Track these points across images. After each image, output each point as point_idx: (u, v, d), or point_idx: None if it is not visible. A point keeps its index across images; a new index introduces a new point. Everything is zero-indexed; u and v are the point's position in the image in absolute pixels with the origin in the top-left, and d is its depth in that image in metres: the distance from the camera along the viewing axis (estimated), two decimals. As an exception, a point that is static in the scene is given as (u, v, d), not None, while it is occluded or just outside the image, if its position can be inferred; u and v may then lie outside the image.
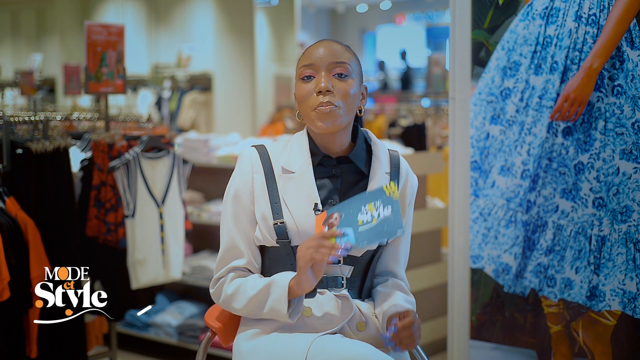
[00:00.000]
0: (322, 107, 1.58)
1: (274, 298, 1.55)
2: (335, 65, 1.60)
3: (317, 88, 1.59)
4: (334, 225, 1.50)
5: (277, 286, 1.56)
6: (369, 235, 1.50)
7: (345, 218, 1.51)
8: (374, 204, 1.50)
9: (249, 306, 1.60)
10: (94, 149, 2.94)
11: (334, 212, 1.52)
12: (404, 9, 11.93)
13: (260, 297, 1.58)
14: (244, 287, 1.61)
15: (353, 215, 1.51)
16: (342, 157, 1.67)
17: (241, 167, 1.67)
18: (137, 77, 7.97)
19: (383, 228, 1.50)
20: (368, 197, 1.52)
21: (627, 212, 2.10)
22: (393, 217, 1.49)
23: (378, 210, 1.50)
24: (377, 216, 1.50)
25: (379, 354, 1.47)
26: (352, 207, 1.52)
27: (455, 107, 2.43)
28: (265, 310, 1.57)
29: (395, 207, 1.50)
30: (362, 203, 1.52)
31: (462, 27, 2.39)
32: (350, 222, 1.51)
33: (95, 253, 2.94)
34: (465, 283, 2.43)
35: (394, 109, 6.34)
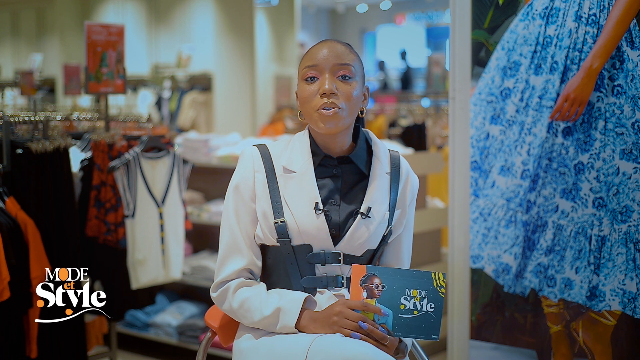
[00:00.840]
0: (326, 108, 1.58)
1: (282, 326, 1.56)
2: (340, 67, 1.60)
3: (320, 90, 1.59)
4: (375, 295, 1.46)
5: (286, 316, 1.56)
6: (406, 326, 1.45)
7: (387, 292, 1.45)
8: (419, 293, 1.45)
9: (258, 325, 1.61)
10: (94, 149, 2.94)
11: (375, 277, 1.46)
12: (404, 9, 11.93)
13: (269, 321, 1.58)
14: (248, 304, 1.61)
15: (396, 294, 1.45)
16: (343, 157, 1.67)
17: (242, 165, 1.67)
18: (137, 77, 7.97)
19: (421, 325, 1.45)
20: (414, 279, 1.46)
21: (627, 212, 2.10)
22: (435, 317, 1.45)
23: (422, 301, 1.45)
24: (419, 308, 1.45)
25: (379, 354, 1.47)
26: (396, 282, 1.46)
27: (455, 107, 2.43)
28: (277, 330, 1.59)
29: (438, 308, 1.45)
30: (407, 284, 1.46)
31: (462, 27, 2.39)
32: (392, 302, 1.45)
33: (95, 253, 2.94)
34: (465, 283, 2.43)
35: (394, 109, 6.34)
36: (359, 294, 1.49)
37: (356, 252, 1.62)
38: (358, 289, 1.48)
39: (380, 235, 1.65)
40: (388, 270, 1.47)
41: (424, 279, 1.46)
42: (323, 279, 1.61)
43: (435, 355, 3.46)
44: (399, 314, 1.45)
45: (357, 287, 1.48)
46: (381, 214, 1.64)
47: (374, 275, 1.47)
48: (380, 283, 1.46)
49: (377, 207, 1.64)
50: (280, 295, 1.59)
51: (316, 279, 1.61)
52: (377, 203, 1.64)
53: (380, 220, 1.64)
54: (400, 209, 1.70)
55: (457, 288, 2.46)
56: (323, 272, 1.61)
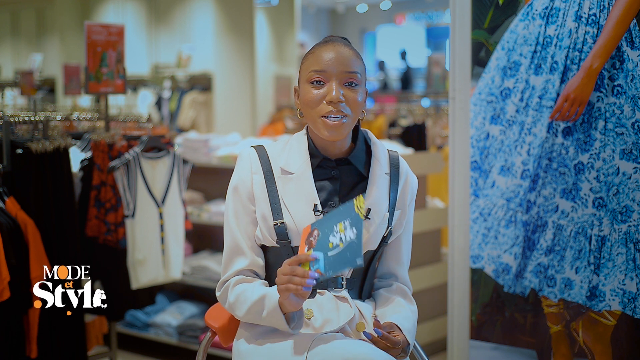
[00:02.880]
0: (332, 118, 1.57)
1: (268, 311, 1.55)
2: (347, 75, 1.59)
3: (328, 98, 1.57)
4: (312, 245, 1.46)
5: (269, 300, 1.55)
6: (335, 262, 1.44)
7: (321, 238, 1.45)
8: (343, 224, 1.43)
9: (249, 315, 1.60)
10: (94, 149, 2.94)
11: (315, 229, 1.47)
12: (404, 9, 11.93)
13: (256, 308, 1.58)
14: (243, 296, 1.61)
15: (326, 236, 1.45)
16: (342, 158, 1.67)
17: (240, 167, 1.67)
18: (137, 77, 7.97)
19: (346, 255, 1.43)
20: (340, 213, 1.45)
21: (627, 212, 2.10)
22: (356, 241, 1.42)
23: (346, 231, 1.43)
24: (344, 239, 1.43)
25: (379, 354, 1.47)
26: (326, 225, 1.45)
27: (455, 107, 2.43)
28: (263, 323, 1.59)
29: (359, 229, 1.42)
30: (335, 221, 1.45)
31: (462, 27, 2.39)
32: (323, 245, 1.45)
33: (95, 253, 2.94)
34: (465, 283, 2.43)
35: (394, 109, 6.34)
36: (302, 251, 1.49)
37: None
38: (303, 246, 1.48)
39: (380, 236, 1.65)
40: (325, 217, 1.47)
41: (346, 210, 1.44)
42: (323, 280, 1.61)
43: (435, 355, 3.46)
44: (328, 252, 1.44)
45: (302, 245, 1.48)
46: (381, 215, 1.64)
47: (315, 228, 1.47)
48: (317, 232, 1.46)
49: (377, 208, 1.64)
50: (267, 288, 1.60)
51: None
52: (377, 204, 1.64)
53: (380, 222, 1.64)
54: (400, 209, 1.69)
55: (457, 288, 2.46)
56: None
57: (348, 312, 1.59)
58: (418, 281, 3.43)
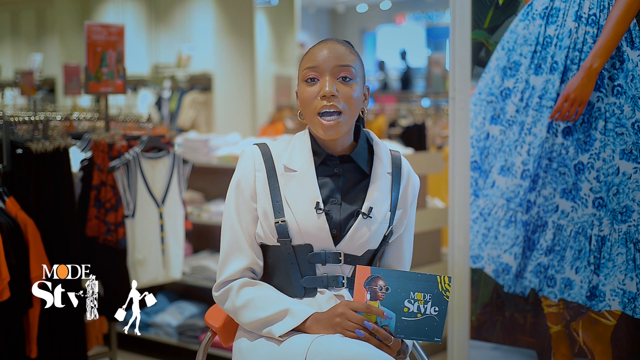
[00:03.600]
0: (326, 116, 1.57)
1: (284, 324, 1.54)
2: (340, 69, 1.59)
3: (321, 92, 1.58)
4: (378, 298, 1.44)
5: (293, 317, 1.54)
6: (408, 329, 1.44)
7: (391, 295, 1.43)
8: (423, 296, 1.43)
9: (255, 324, 1.59)
10: (94, 149, 2.94)
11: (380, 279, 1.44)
12: (404, 9, 11.93)
13: (271, 319, 1.56)
14: (255, 303, 1.59)
15: (400, 297, 1.43)
16: (344, 156, 1.67)
17: (243, 164, 1.67)
18: (137, 77, 7.97)
19: (424, 328, 1.43)
20: (419, 282, 1.44)
21: (627, 212, 2.10)
22: (438, 320, 1.43)
23: (427, 305, 1.43)
24: (423, 311, 1.43)
25: (379, 354, 1.47)
26: (401, 285, 1.44)
27: (455, 107, 2.43)
28: (265, 331, 1.57)
29: (442, 312, 1.43)
30: (412, 287, 1.43)
31: (462, 27, 2.39)
32: (395, 304, 1.44)
33: (95, 253, 2.94)
34: (465, 283, 2.43)
35: (394, 109, 6.34)
36: (362, 296, 1.48)
37: (357, 252, 1.62)
38: (362, 290, 1.46)
39: (381, 236, 1.65)
40: (393, 273, 1.46)
41: (429, 283, 1.44)
42: (324, 279, 1.61)
43: (435, 355, 3.46)
44: (402, 316, 1.44)
45: (361, 288, 1.46)
46: (382, 214, 1.64)
47: (378, 277, 1.45)
48: (384, 285, 1.45)
49: (379, 207, 1.64)
50: (290, 301, 1.59)
51: (317, 278, 1.61)
52: (379, 203, 1.64)
53: (381, 221, 1.64)
54: (401, 209, 1.70)
55: (457, 288, 2.46)
56: (324, 272, 1.61)
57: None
58: (418, 281, 3.43)
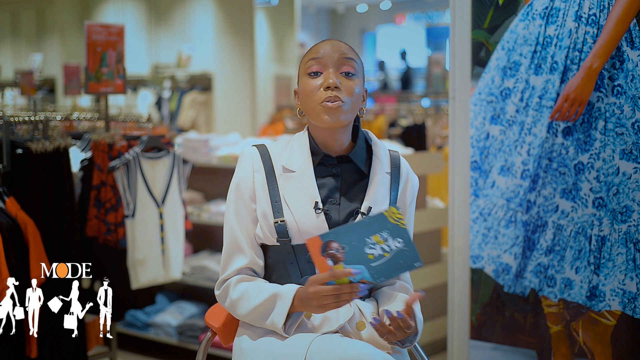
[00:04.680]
0: (329, 101, 1.58)
1: (278, 311, 1.55)
2: (343, 62, 1.61)
3: (325, 83, 1.59)
4: (339, 259, 1.41)
5: (282, 300, 1.54)
6: (385, 270, 1.40)
7: (350, 251, 1.40)
8: (380, 236, 1.39)
9: (252, 314, 1.60)
10: (94, 149, 2.94)
11: (332, 242, 1.41)
12: (404, 9, 11.93)
13: (264, 307, 1.57)
14: (248, 294, 1.60)
15: (359, 249, 1.40)
16: (343, 156, 1.67)
17: (242, 165, 1.67)
18: (137, 77, 7.98)
19: (399, 261, 1.40)
20: (370, 226, 1.40)
21: (627, 212, 2.10)
22: (408, 248, 1.40)
23: (388, 242, 1.40)
24: (388, 249, 1.40)
25: (379, 354, 1.47)
26: (354, 237, 1.40)
27: (455, 107, 2.44)
28: (267, 322, 1.58)
29: (406, 239, 1.40)
30: (364, 233, 1.40)
31: (462, 27, 2.39)
32: (358, 257, 1.40)
33: (95, 253, 2.94)
34: (465, 283, 2.43)
35: (394, 109, 6.34)
36: (324, 265, 1.43)
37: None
38: (321, 260, 1.41)
39: (380, 235, 1.65)
40: (341, 230, 1.41)
41: (379, 222, 1.40)
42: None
43: (435, 355, 3.46)
44: (371, 264, 1.40)
45: (319, 259, 1.42)
46: (381, 213, 1.64)
47: (330, 241, 1.41)
48: (338, 246, 1.40)
49: (378, 206, 1.64)
50: (277, 285, 1.60)
51: (316, 278, 1.61)
52: (378, 203, 1.64)
53: (380, 220, 1.64)
54: (400, 208, 1.70)
55: (457, 288, 2.46)
56: None
57: (347, 311, 1.59)
58: (418, 281, 3.43)
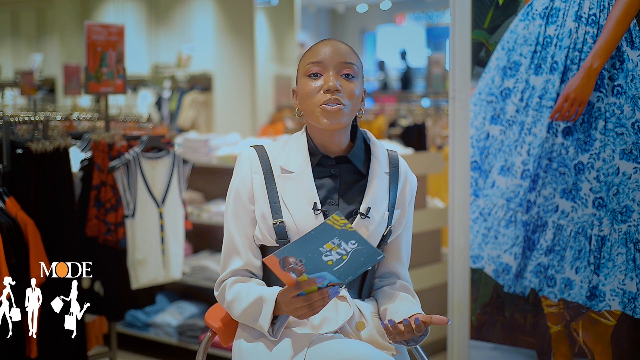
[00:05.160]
0: (329, 104, 1.58)
1: (263, 314, 1.55)
2: (344, 66, 1.61)
3: (325, 86, 1.59)
4: (300, 271, 1.43)
5: (266, 303, 1.55)
6: (348, 270, 1.43)
7: (308, 262, 1.42)
8: (332, 242, 1.41)
9: (244, 316, 1.61)
10: (94, 149, 2.94)
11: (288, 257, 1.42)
12: (404, 9, 11.93)
13: (252, 310, 1.58)
14: (239, 296, 1.61)
15: (316, 258, 1.42)
16: (341, 156, 1.67)
17: (240, 167, 1.67)
18: (137, 77, 7.97)
19: (360, 259, 1.43)
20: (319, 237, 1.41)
21: (627, 212, 2.10)
22: (364, 246, 1.42)
23: (341, 246, 1.41)
24: (345, 252, 1.42)
25: (378, 354, 1.47)
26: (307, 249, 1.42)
27: (455, 107, 2.44)
28: (257, 325, 1.58)
29: (359, 240, 1.41)
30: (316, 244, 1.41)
31: (462, 27, 2.39)
32: (318, 265, 1.42)
33: (95, 253, 2.94)
34: (465, 283, 2.43)
35: (394, 109, 6.34)
36: (289, 279, 1.46)
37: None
38: (285, 275, 1.44)
39: (379, 236, 1.65)
40: (291, 246, 1.42)
41: (326, 231, 1.41)
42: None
43: (435, 355, 3.46)
44: (333, 268, 1.42)
45: (282, 274, 1.44)
46: (380, 214, 1.64)
47: (284, 257, 1.42)
48: (295, 260, 1.42)
49: (377, 207, 1.64)
50: (263, 288, 1.60)
51: (316, 279, 1.61)
52: (377, 203, 1.64)
53: (379, 221, 1.64)
54: (399, 208, 1.70)
55: (457, 288, 2.46)
56: None
57: (347, 311, 1.59)
58: (418, 281, 3.43)
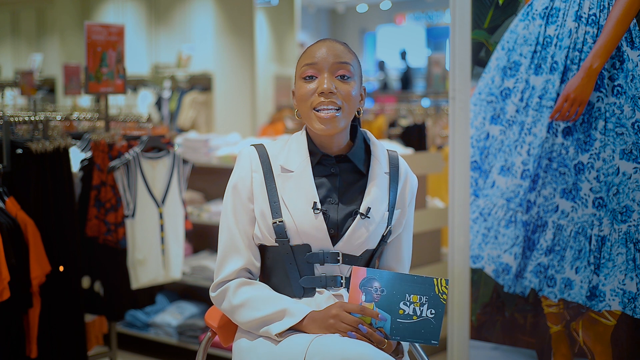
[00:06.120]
0: (324, 110, 1.58)
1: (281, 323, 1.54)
2: (339, 67, 1.60)
3: (319, 89, 1.58)
4: (375, 299, 1.43)
5: (291, 316, 1.54)
6: (404, 331, 1.43)
7: (386, 296, 1.42)
8: (419, 298, 1.42)
9: (253, 323, 1.59)
10: (94, 149, 2.94)
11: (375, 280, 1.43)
12: (404, 9, 11.93)
13: (268, 319, 1.57)
14: (253, 303, 1.59)
15: (395, 299, 1.42)
16: (341, 156, 1.67)
17: (240, 165, 1.67)
18: (137, 77, 7.98)
19: (420, 330, 1.43)
20: (415, 284, 1.43)
21: (627, 212, 2.10)
22: (435, 322, 1.43)
23: (422, 307, 1.42)
24: (419, 314, 1.42)
25: (378, 354, 1.47)
26: (396, 287, 1.43)
27: (455, 107, 2.44)
28: (262, 330, 1.58)
29: (439, 314, 1.42)
30: (407, 289, 1.42)
31: (462, 27, 2.39)
32: (391, 306, 1.43)
33: (95, 253, 2.94)
34: (465, 283, 2.43)
35: (394, 109, 6.34)
36: (357, 297, 1.47)
37: (355, 252, 1.62)
38: (357, 291, 1.46)
39: (379, 236, 1.65)
40: (389, 275, 1.45)
41: (425, 285, 1.43)
42: (322, 279, 1.61)
43: (435, 355, 3.46)
44: (397, 318, 1.43)
45: (356, 289, 1.46)
46: (380, 214, 1.64)
47: (373, 278, 1.44)
48: (380, 287, 1.44)
49: (377, 207, 1.64)
50: (287, 300, 1.59)
51: (315, 278, 1.61)
52: (377, 203, 1.64)
53: (379, 221, 1.64)
54: (399, 209, 1.70)
55: (457, 288, 2.46)
56: (322, 272, 1.61)
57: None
58: (418, 281, 3.43)
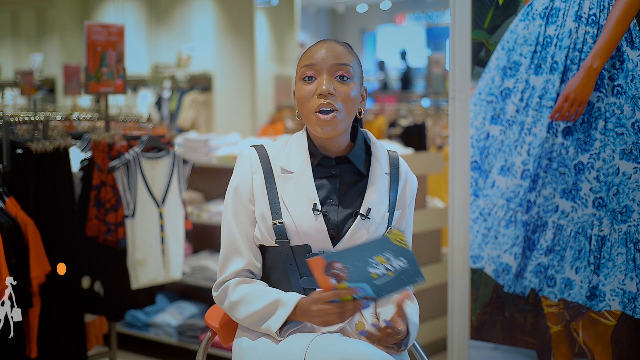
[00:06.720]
0: (323, 113, 1.57)
1: (277, 316, 1.55)
2: (338, 68, 1.59)
3: (318, 90, 1.58)
4: (342, 278, 1.43)
5: (283, 306, 1.55)
6: (388, 287, 1.43)
7: (353, 271, 1.42)
8: (383, 256, 1.42)
9: (251, 318, 1.60)
10: (94, 149, 2.94)
11: (335, 262, 1.42)
12: (404, 9, 11.93)
13: (264, 312, 1.57)
14: (249, 297, 1.60)
15: (362, 269, 1.42)
16: (341, 157, 1.67)
17: (240, 166, 1.67)
18: (137, 77, 7.98)
19: (402, 278, 1.43)
20: (373, 248, 1.42)
21: (627, 212, 2.10)
22: (411, 266, 1.42)
23: (391, 262, 1.42)
24: (392, 269, 1.42)
25: (378, 354, 1.47)
26: (357, 258, 1.42)
27: (455, 107, 2.44)
28: (263, 326, 1.58)
29: (410, 259, 1.42)
30: (367, 254, 1.42)
31: (462, 27, 2.39)
32: (362, 276, 1.42)
33: (95, 253, 2.94)
34: (465, 283, 2.43)
35: (394, 109, 6.35)
36: (327, 284, 1.45)
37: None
38: (324, 279, 1.44)
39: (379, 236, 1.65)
40: (344, 252, 1.44)
41: (382, 244, 1.43)
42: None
43: (435, 355, 3.46)
44: (375, 282, 1.43)
45: (322, 278, 1.44)
46: (381, 214, 1.64)
47: (333, 260, 1.43)
48: (342, 266, 1.42)
49: (377, 208, 1.64)
50: (279, 292, 1.60)
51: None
52: (377, 204, 1.64)
53: (379, 221, 1.64)
54: (400, 209, 1.70)
55: (457, 288, 2.46)
56: None
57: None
58: (418, 281, 3.43)
